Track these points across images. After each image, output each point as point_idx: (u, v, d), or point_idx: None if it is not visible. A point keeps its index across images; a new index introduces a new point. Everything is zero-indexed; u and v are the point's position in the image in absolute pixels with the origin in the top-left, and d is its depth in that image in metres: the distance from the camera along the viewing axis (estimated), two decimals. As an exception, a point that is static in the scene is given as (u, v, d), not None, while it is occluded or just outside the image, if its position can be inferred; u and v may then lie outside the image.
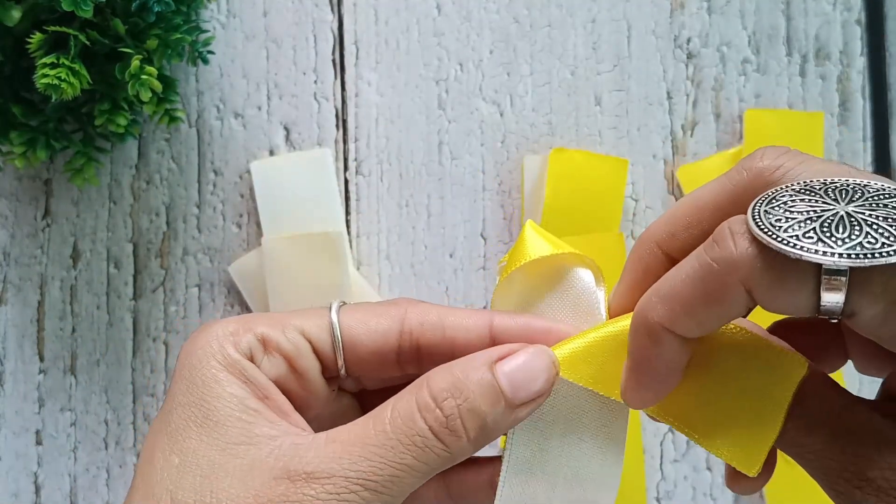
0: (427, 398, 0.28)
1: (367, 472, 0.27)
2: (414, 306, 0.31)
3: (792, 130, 0.53)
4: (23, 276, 0.53)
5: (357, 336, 0.31)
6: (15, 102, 0.47)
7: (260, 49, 0.54)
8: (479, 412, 0.28)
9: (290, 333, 0.30)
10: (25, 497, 0.53)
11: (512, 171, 0.54)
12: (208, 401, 0.28)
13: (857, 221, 0.24)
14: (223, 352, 0.29)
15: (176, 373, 0.29)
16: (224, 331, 0.29)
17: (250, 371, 0.29)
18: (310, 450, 0.27)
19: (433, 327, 0.31)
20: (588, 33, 0.54)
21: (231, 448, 0.27)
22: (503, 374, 0.28)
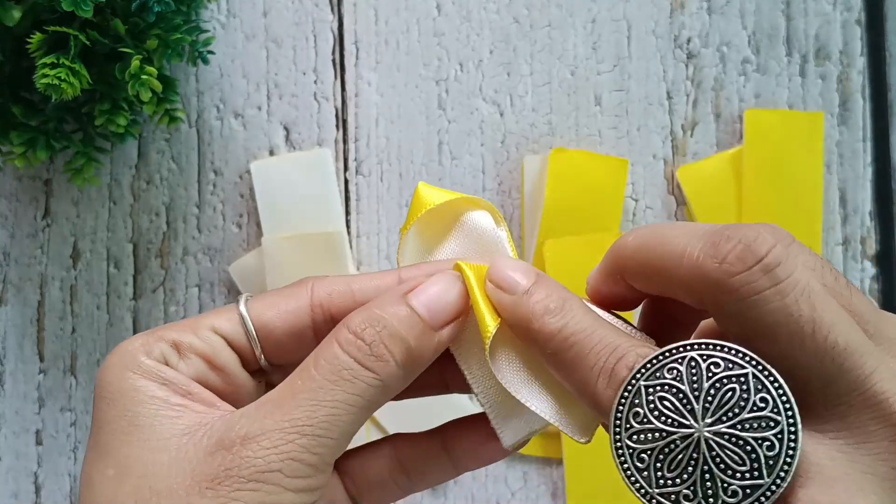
0: (347, 334, 0.28)
1: (301, 419, 0.27)
2: (319, 280, 0.31)
3: (792, 130, 0.53)
4: (23, 276, 0.53)
5: (269, 321, 0.30)
6: (15, 102, 0.47)
7: (260, 49, 0.54)
8: (400, 336, 0.28)
9: (202, 333, 0.30)
10: (25, 497, 0.53)
11: (512, 171, 0.54)
12: (131, 409, 0.28)
13: (704, 458, 0.25)
14: (136, 362, 0.28)
15: (95, 397, 0.29)
16: (133, 344, 0.29)
17: (167, 373, 0.29)
18: (241, 417, 0.27)
19: (342, 295, 0.30)
20: (588, 33, 0.54)
21: (162, 443, 0.27)
22: (417, 302, 0.29)
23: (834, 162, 0.54)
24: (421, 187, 0.32)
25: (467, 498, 0.53)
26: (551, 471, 0.53)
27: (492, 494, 0.53)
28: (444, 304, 0.29)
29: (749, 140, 0.53)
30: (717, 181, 0.53)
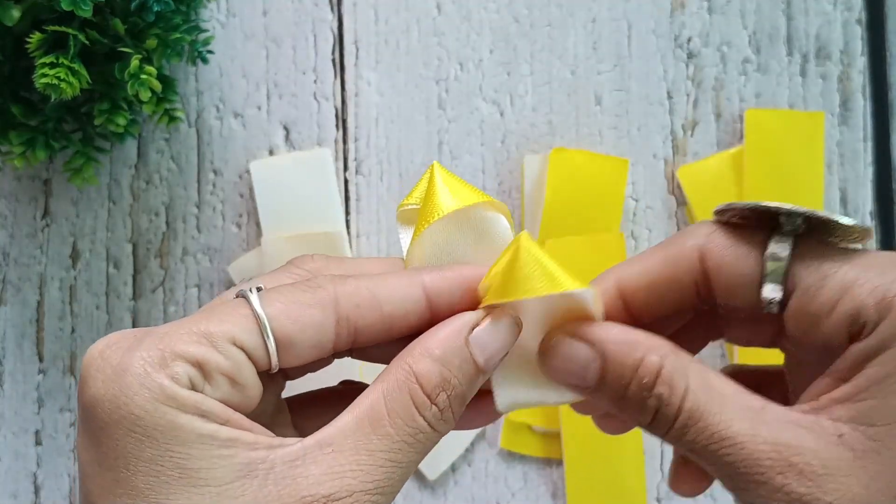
0: (422, 396, 0.28)
1: (381, 480, 0.26)
2: (340, 285, 0.29)
3: (792, 130, 0.53)
4: (22, 276, 0.53)
5: (292, 335, 0.28)
6: (14, 102, 0.47)
7: (259, 49, 0.54)
8: (463, 394, 0.28)
9: (222, 347, 0.27)
10: (25, 497, 0.53)
11: (512, 171, 0.54)
12: (176, 450, 0.25)
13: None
14: (165, 391, 0.25)
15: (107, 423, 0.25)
16: (149, 363, 0.26)
17: (204, 404, 0.26)
18: (310, 465, 0.26)
19: (370, 308, 0.29)
20: (588, 33, 0.54)
21: (224, 489, 0.25)
22: (477, 348, 0.29)
23: (834, 162, 0.54)
24: (436, 170, 0.31)
25: (467, 498, 0.53)
26: (551, 471, 0.53)
27: (492, 494, 0.53)
28: (498, 349, 0.29)
29: (749, 140, 0.53)
30: (717, 181, 0.53)
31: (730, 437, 0.26)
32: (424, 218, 0.31)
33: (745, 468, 0.26)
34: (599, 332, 0.29)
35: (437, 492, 0.53)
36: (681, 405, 0.27)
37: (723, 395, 0.27)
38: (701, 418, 0.27)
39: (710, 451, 0.27)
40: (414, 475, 0.53)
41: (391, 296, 0.29)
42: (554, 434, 0.52)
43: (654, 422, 0.28)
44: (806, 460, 0.26)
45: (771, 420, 0.27)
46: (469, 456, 0.53)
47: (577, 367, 0.29)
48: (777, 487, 0.26)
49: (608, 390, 0.28)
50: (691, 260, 0.30)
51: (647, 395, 0.27)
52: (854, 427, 0.26)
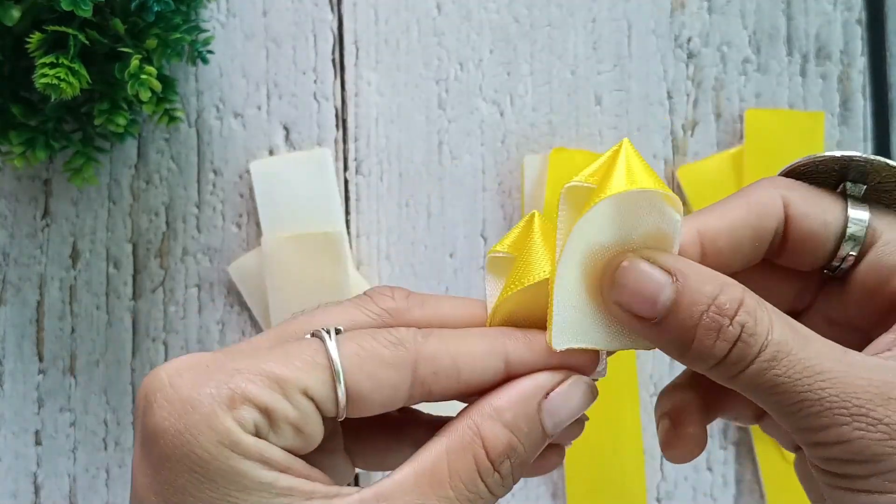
0: (486, 462, 0.27)
1: None
2: (422, 345, 0.28)
3: (792, 130, 0.53)
4: (22, 276, 0.53)
5: (365, 393, 0.27)
6: (14, 102, 0.47)
7: (259, 49, 0.54)
8: (527, 461, 0.28)
9: (293, 397, 0.26)
10: (25, 497, 0.53)
11: (512, 171, 0.54)
12: (234, 496, 0.25)
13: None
14: (231, 436, 0.25)
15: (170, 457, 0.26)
16: (219, 403, 0.26)
17: (268, 452, 0.26)
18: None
19: (448, 376, 0.28)
20: (588, 33, 0.54)
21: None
22: (548, 414, 0.28)
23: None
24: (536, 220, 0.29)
25: (467, 498, 0.53)
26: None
27: (492, 495, 0.53)
28: (569, 417, 0.29)
29: (749, 140, 0.53)
30: (717, 181, 0.53)
31: (824, 371, 0.26)
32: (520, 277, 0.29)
33: (842, 401, 0.25)
34: (675, 259, 0.27)
35: (437, 492, 0.53)
36: (768, 337, 0.26)
37: (807, 336, 0.27)
38: (791, 352, 0.26)
39: (801, 385, 0.26)
40: (414, 475, 0.53)
41: (472, 365, 0.28)
42: (554, 434, 0.52)
43: (730, 355, 0.26)
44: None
45: (858, 362, 0.26)
46: (469, 456, 0.53)
47: (649, 290, 0.27)
48: (878, 419, 0.25)
49: (678, 321, 0.27)
50: (776, 208, 0.29)
51: (727, 324, 0.26)
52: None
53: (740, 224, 0.29)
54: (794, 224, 0.29)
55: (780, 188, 0.30)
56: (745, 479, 0.53)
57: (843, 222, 0.29)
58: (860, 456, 0.26)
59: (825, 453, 0.26)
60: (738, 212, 0.29)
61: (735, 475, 0.53)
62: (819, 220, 0.29)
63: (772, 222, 0.29)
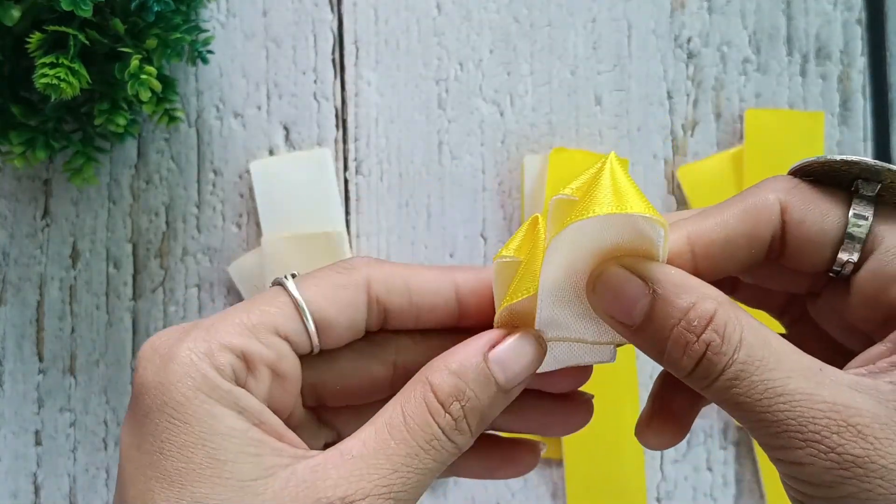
0: (435, 403, 0.28)
1: (398, 484, 0.27)
2: (375, 269, 0.30)
3: (792, 130, 0.53)
4: (22, 277, 0.53)
5: (330, 318, 0.29)
6: (14, 102, 0.47)
7: (259, 48, 0.54)
8: (480, 409, 0.28)
9: (266, 338, 0.28)
10: (25, 497, 0.53)
11: (512, 171, 0.54)
12: (209, 439, 0.26)
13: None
14: (208, 382, 0.27)
15: (151, 407, 0.27)
16: (196, 353, 0.27)
17: (244, 400, 0.27)
18: (329, 470, 0.27)
19: (399, 293, 0.30)
20: (588, 33, 0.54)
21: (247, 485, 0.26)
22: (496, 363, 0.29)
23: (834, 162, 0.54)
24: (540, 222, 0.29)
25: (467, 498, 0.53)
26: (551, 471, 0.53)
27: (492, 494, 0.53)
28: (520, 368, 0.29)
29: (749, 140, 0.53)
30: (717, 181, 0.53)
31: (787, 393, 0.26)
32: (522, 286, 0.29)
33: (798, 426, 0.25)
34: (655, 269, 0.28)
35: (437, 492, 0.53)
36: (733, 356, 0.26)
37: (780, 352, 0.26)
38: (755, 372, 0.26)
39: (762, 405, 0.26)
40: (414, 475, 0.53)
41: (422, 287, 0.30)
42: (554, 434, 0.52)
43: (696, 370, 0.27)
44: (865, 422, 0.25)
45: (829, 382, 0.26)
46: (469, 456, 0.53)
47: (628, 301, 0.28)
48: (831, 447, 0.25)
49: (652, 331, 0.27)
50: (773, 213, 0.29)
51: (693, 340, 0.27)
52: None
53: (734, 231, 0.29)
54: (791, 230, 0.29)
55: (781, 191, 0.29)
56: (745, 479, 0.53)
57: (843, 227, 0.28)
58: (814, 480, 0.26)
59: (784, 470, 0.27)
60: (732, 218, 0.29)
61: (735, 475, 0.53)
62: (816, 227, 0.28)
63: (767, 229, 0.29)
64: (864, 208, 0.28)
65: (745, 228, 0.29)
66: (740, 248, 0.29)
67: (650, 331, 0.28)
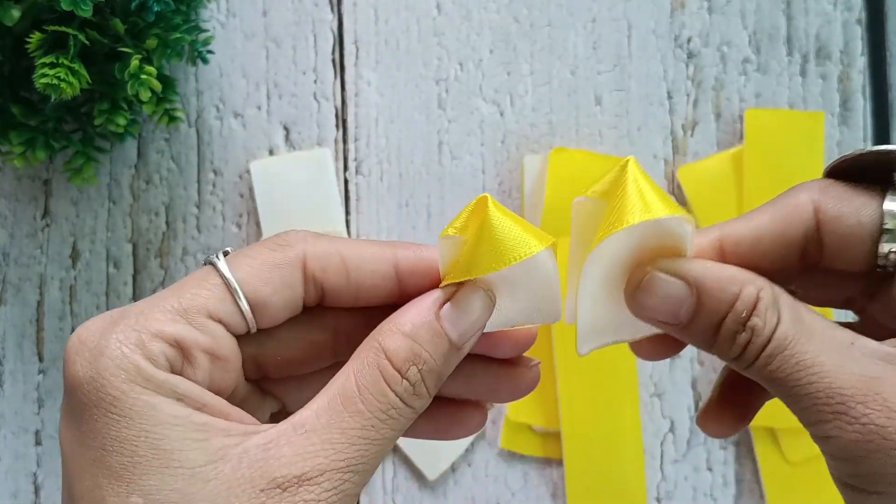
0: (392, 371, 0.27)
1: (353, 458, 0.26)
2: (311, 245, 0.29)
3: (792, 130, 0.53)
4: (22, 276, 0.53)
5: (265, 298, 0.28)
6: (14, 102, 0.47)
7: (260, 49, 0.54)
8: (436, 369, 0.28)
9: (199, 322, 0.27)
10: (25, 497, 0.53)
11: (512, 171, 0.54)
12: (151, 430, 0.25)
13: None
14: (142, 373, 0.26)
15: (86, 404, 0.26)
16: (126, 345, 0.26)
17: (182, 387, 0.26)
18: (283, 447, 0.26)
19: (337, 272, 0.29)
20: (588, 33, 0.54)
21: (197, 472, 0.25)
22: (448, 321, 0.28)
23: (834, 162, 0.54)
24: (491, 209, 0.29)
25: (467, 498, 0.53)
26: (551, 471, 0.53)
27: (492, 494, 0.53)
28: (471, 323, 0.28)
29: (749, 140, 0.53)
30: (717, 181, 0.53)
31: (816, 365, 0.26)
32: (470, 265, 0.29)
33: (826, 397, 0.26)
34: (695, 267, 0.28)
35: (437, 492, 0.53)
36: (771, 335, 0.27)
37: (812, 327, 0.27)
38: (788, 347, 0.26)
39: (793, 379, 0.26)
40: (414, 475, 0.53)
41: (360, 266, 0.29)
42: (554, 434, 0.52)
43: (743, 354, 0.27)
44: (892, 392, 0.25)
45: (859, 354, 0.26)
46: (469, 456, 0.53)
47: (673, 304, 0.28)
48: (857, 417, 0.25)
49: (700, 326, 0.28)
50: (805, 213, 0.29)
51: (741, 329, 0.27)
52: None
53: (765, 231, 0.29)
54: (828, 227, 0.29)
55: (814, 192, 0.29)
56: (745, 479, 0.53)
57: (879, 219, 0.28)
58: (842, 454, 0.26)
59: (822, 448, 0.27)
60: (762, 219, 0.29)
61: (735, 475, 0.53)
62: (853, 220, 0.28)
63: (799, 229, 0.29)
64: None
65: (776, 227, 0.29)
66: (772, 248, 0.29)
67: (699, 326, 0.28)
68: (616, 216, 0.27)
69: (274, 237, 0.30)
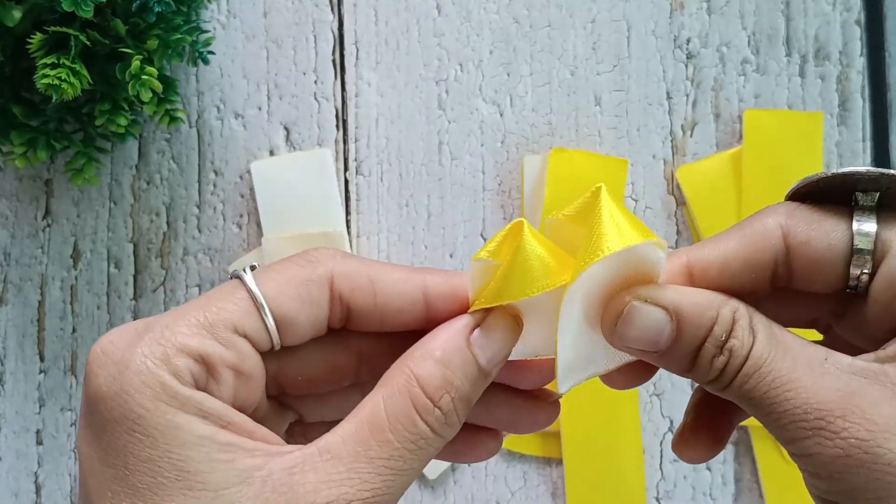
0: (424, 399, 0.27)
1: (379, 488, 0.26)
2: (340, 264, 0.29)
3: (791, 131, 0.53)
4: (23, 277, 0.53)
5: (291, 315, 0.28)
6: (16, 103, 0.47)
7: (260, 49, 0.54)
8: (466, 395, 0.28)
9: (225, 338, 0.27)
10: (26, 497, 0.53)
11: (512, 171, 0.54)
12: (175, 451, 0.25)
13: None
14: (167, 390, 0.25)
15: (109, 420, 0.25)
16: (151, 360, 0.25)
17: (207, 404, 0.26)
18: (308, 472, 0.25)
19: (364, 293, 0.29)
20: (588, 33, 0.54)
21: (220, 495, 0.25)
22: (479, 347, 0.28)
23: (833, 162, 0.54)
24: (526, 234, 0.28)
25: (467, 498, 0.53)
26: (551, 471, 0.53)
27: (492, 494, 0.53)
28: (500, 349, 0.28)
29: (749, 140, 0.53)
30: (716, 181, 0.53)
31: (791, 382, 0.26)
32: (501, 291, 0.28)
33: (805, 413, 0.25)
34: (672, 294, 0.28)
35: (437, 491, 0.53)
36: (748, 354, 0.27)
37: (787, 345, 0.27)
38: (764, 365, 0.26)
39: (771, 397, 0.26)
40: (414, 475, 0.53)
41: (389, 289, 0.29)
42: (554, 434, 0.52)
43: (720, 376, 0.27)
44: (870, 406, 0.25)
45: (834, 370, 0.26)
46: (469, 455, 0.53)
47: (653, 333, 0.28)
48: (837, 431, 0.25)
49: (680, 352, 0.28)
50: (774, 238, 0.29)
51: (720, 353, 0.27)
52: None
53: (733, 256, 0.29)
54: (797, 252, 0.28)
55: (782, 216, 0.29)
56: (744, 479, 0.53)
57: (849, 242, 0.28)
58: (824, 471, 0.26)
59: (801, 465, 0.27)
60: (731, 243, 0.29)
61: (734, 475, 0.53)
62: (823, 245, 0.28)
63: (768, 254, 0.29)
64: (867, 219, 0.28)
65: (744, 253, 0.29)
66: (741, 273, 0.29)
67: (678, 352, 0.28)
68: (594, 244, 0.27)
69: (302, 253, 0.29)
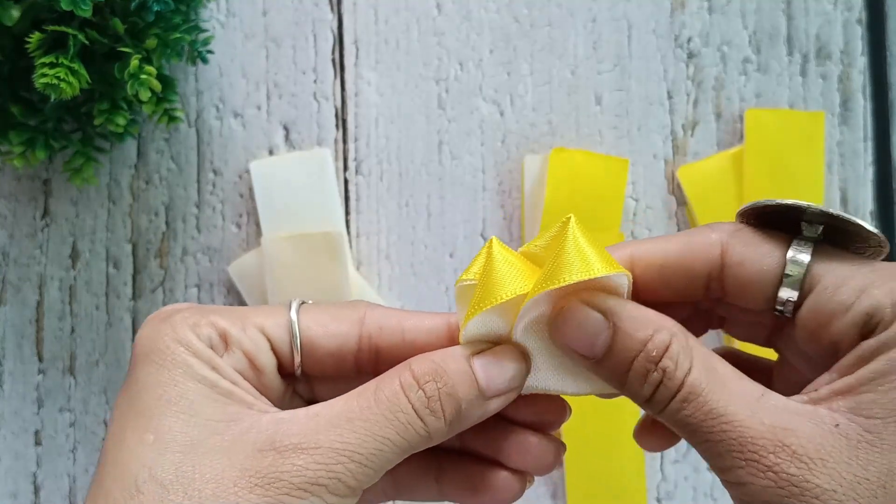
0: (410, 379, 0.29)
1: (353, 445, 0.27)
2: (372, 310, 0.32)
3: (792, 130, 0.53)
4: (22, 277, 0.53)
5: (316, 338, 0.31)
6: (14, 102, 0.47)
7: (259, 48, 0.54)
8: (456, 397, 0.29)
9: (249, 331, 0.31)
10: (24, 497, 0.53)
11: (512, 171, 0.54)
12: (181, 382, 0.28)
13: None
14: (188, 341, 0.29)
15: (139, 356, 0.29)
16: (185, 321, 0.30)
17: (217, 360, 0.29)
18: (293, 423, 0.28)
19: (392, 331, 0.31)
20: (588, 33, 0.54)
21: (210, 425, 0.28)
22: (479, 365, 0.30)
23: (835, 162, 0.54)
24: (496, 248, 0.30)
25: (467, 498, 0.53)
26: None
27: (492, 495, 0.53)
28: (503, 377, 0.30)
29: (750, 140, 0.53)
30: (717, 181, 0.53)
31: (727, 414, 0.27)
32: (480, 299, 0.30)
33: (737, 446, 0.27)
34: (614, 303, 0.29)
35: (437, 492, 0.53)
36: (683, 380, 0.28)
37: (724, 377, 0.28)
38: (700, 394, 0.27)
39: (705, 427, 0.27)
40: (414, 475, 0.53)
41: (416, 325, 0.32)
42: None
43: (654, 397, 0.28)
44: (800, 443, 0.26)
45: (769, 406, 0.27)
46: (469, 456, 0.53)
47: (588, 334, 0.29)
48: (768, 466, 0.26)
49: (614, 362, 0.29)
50: (712, 252, 0.30)
51: (652, 369, 0.28)
52: (851, 418, 0.26)
53: (671, 260, 0.30)
54: (730, 271, 0.30)
55: (724, 234, 0.30)
56: (745, 480, 0.53)
57: (781, 268, 0.29)
58: (754, 500, 0.27)
59: (732, 492, 0.28)
60: (670, 247, 0.31)
61: (735, 475, 0.53)
62: (755, 268, 0.29)
63: (704, 265, 0.30)
64: (803, 249, 0.29)
65: (682, 261, 0.30)
66: (675, 277, 0.30)
67: (612, 362, 0.29)
68: (555, 272, 0.28)
69: (346, 301, 0.33)
